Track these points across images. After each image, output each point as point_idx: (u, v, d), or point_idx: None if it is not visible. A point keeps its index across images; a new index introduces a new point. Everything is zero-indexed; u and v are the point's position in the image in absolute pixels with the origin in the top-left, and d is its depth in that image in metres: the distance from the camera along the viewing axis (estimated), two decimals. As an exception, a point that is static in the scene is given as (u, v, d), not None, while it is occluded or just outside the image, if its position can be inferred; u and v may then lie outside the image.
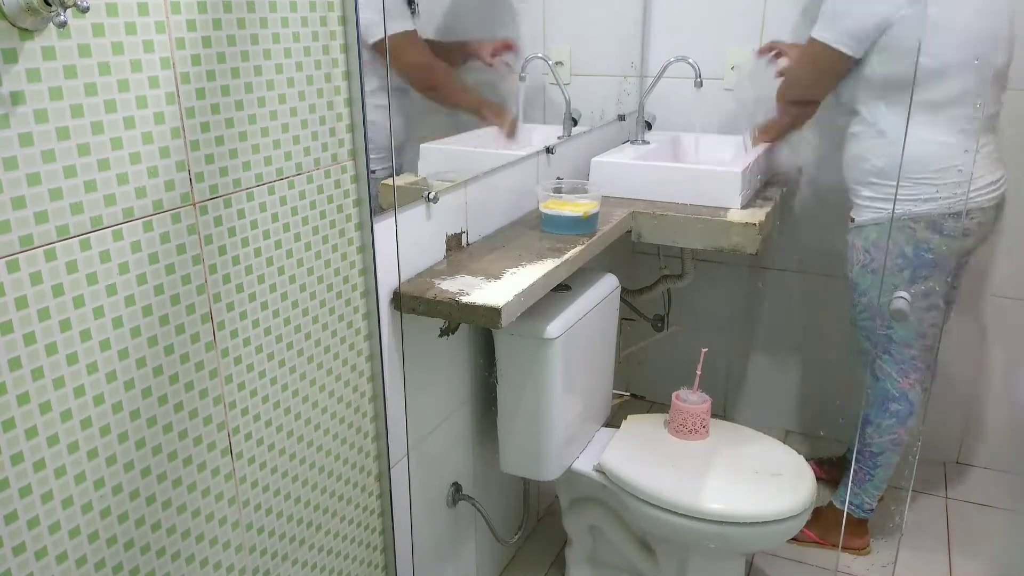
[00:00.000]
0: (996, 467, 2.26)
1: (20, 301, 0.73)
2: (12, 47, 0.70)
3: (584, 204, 1.54)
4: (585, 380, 1.63)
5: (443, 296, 1.21)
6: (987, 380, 2.19)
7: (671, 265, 2.21)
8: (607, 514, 1.67)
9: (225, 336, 0.97)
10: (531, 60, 1.74)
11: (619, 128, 2.20)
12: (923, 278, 1.70)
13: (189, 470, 0.95)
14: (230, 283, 0.96)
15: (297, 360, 1.10)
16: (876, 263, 1.73)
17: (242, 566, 1.06)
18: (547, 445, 1.53)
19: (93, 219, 0.79)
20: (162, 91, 0.84)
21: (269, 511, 1.09)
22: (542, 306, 1.47)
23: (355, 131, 1.13)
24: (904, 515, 2.07)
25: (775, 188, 1.97)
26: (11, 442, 0.74)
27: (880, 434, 1.81)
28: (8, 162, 0.71)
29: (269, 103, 0.98)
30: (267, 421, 1.06)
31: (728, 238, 1.67)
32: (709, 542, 1.48)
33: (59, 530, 0.80)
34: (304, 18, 1.02)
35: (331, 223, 1.12)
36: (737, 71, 2.18)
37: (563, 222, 1.53)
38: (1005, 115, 1.92)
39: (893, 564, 1.89)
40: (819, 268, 2.25)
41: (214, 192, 0.92)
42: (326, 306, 1.14)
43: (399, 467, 1.34)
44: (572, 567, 1.79)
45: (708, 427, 1.68)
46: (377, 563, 1.35)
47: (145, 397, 0.87)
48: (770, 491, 1.50)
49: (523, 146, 1.69)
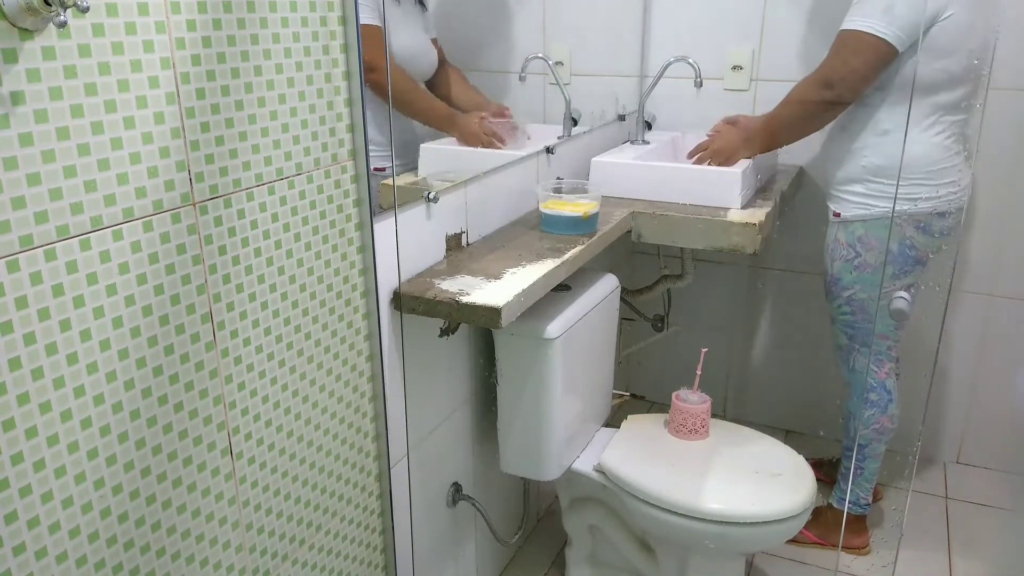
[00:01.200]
0: (996, 467, 2.26)
1: (20, 301, 0.73)
2: (12, 47, 0.70)
3: (584, 204, 1.54)
4: (585, 380, 1.63)
5: (443, 296, 1.21)
6: (987, 380, 2.19)
7: (671, 265, 2.21)
8: (607, 514, 1.67)
9: (225, 336, 0.97)
10: (531, 60, 1.74)
11: (619, 128, 2.20)
12: (906, 274, 1.73)
13: (189, 470, 0.95)
14: (230, 283, 0.96)
15: (297, 360, 1.10)
16: (861, 259, 1.74)
17: (242, 566, 1.06)
18: (547, 445, 1.53)
19: (93, 219, 0.79)
20: (162, 91, 0.84)
21: (269, 511, 1.09)
22: (542, 306, 1.47)
23: (355, 131, 1.13)
24: (904, 515, 2.07)
25: (775, 188, 1.97)
26: (11, 442, 0.74)
27: (864, 425, 1.84)
28: (8, 162, 0.71)
29: (269, 103, 0.98)
30: (267, 421, 1.06)
31: (728, 238, 1.68)
32: (709, 542, 1.48)
33: (59, 530, 0.80)
34: (304, 18, 1.02)
35: (331, 223, 1.12)
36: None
37: (563, 222, 1.53)
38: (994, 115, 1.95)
39: (893, 564, 1.89)
40: (819, 268, 2.25)
41: (214, 192, 0.92)
42: (326, 306, 1.14)
43: (399, 467, 1.34)
44: (572, 567, 1.79)
45: (708, 427, 1.68)
46: (377, 563, 1.35)
47: (145, 397, 0.87)
48: (770, 491, 1.50)
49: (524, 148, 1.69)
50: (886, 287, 1.73)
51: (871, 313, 1.77)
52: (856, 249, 1.74)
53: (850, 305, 1.79)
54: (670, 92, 2.19)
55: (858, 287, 1.76)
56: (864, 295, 1.76)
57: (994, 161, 2.00)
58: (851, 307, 1.79)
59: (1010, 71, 1.91)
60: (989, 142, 1.97)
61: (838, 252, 1.78)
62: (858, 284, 1.76)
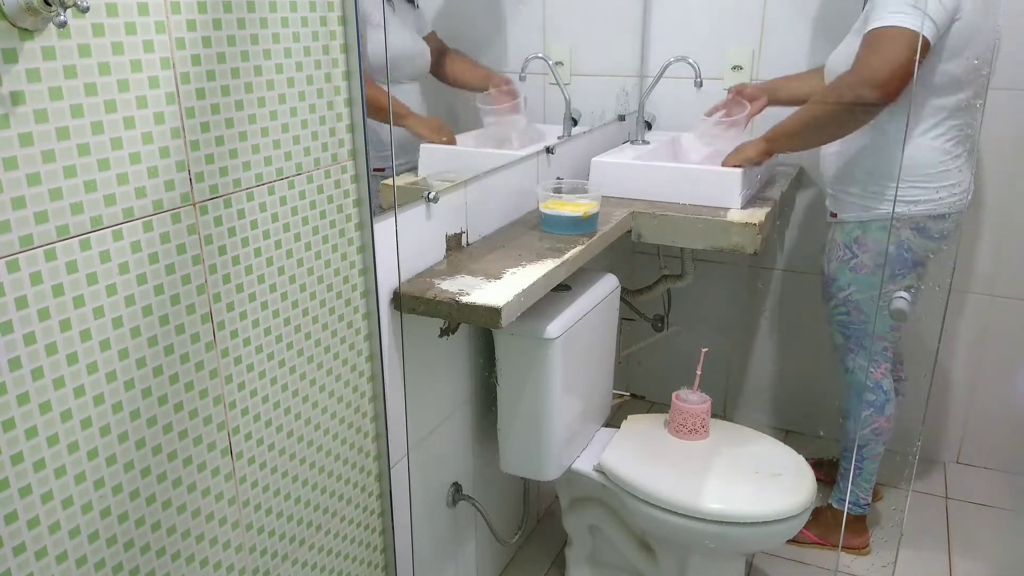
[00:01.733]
0: (996, 467, 2.26)
1: (20, 301, 0.73)
2: (12, 47, 0.70)
3: (584, 204, 1.54)
4: (585, 380, 1.63)
5: (443, 296, 1.21)
6: (987, 380, 2.19)
7: (671, 265, 2.21)
8: (607, 514, 1.67)
9: (225, 336, 0.97)
10: (531, 60, 1.74)
11: (619, 128, 2.20)
12: (903, 276, 1.72)
13: (189, 470, 0.95)
14: (230, 283, 0.96)
15: (297, 360, 1.10)
16: (857, 260, 1.74)
17: (242, 566, 1.06)
18: (547, 445, 1.53)
19: (93, 219, 0.79)
20: (162, 91, 0.84)
21: (269, 511, 1.09)
22: (542, 306, 1.47)
23: (355, 131, 1.13)
24: (904, 515, 2.07)
25: (775, 188, 1.97)
26: (11, 442, 0.74)
27: (862, 425, 1.84)
28: (8, 162, 0.71)
29: (269, 103, 0.98)
30: (267, 421, 1.06)
31: (728, 238, 1.68)
32: (709, 542, 1.48)
33: (59, 530, 0.80)
34: (304, 18, 1.02)
35: (331, 223, 1.12)
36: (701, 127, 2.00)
37: (563, 222, 1.53)
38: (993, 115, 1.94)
39: (893, 564, 1.89)
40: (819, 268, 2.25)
41: (214, 192, 0.92)
42: (326, 306, 1.14)
43: (399, 467, 1.34)
44: (572, 567, 1.79)
45: (708, 427, 1.68)
46: (377, 563, 1.35)
47: (145, 397, 0.87)
48: (770, 491, 1.50)
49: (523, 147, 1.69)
50: (883, 288, 1.72)
51: (868, 314, 1.76)
52: (852, 250, 1.74)
53: (846, 305, 1.79)
54: (670, 92, 2.19)
55: (854, 288, 1.76)
56: (860, 296, 1.76)
57: (994, 161, 2.00)
58: (847, 307, 1.79)
59: (1010, 71, 1.91)
60: (989, 142, 1.97)
61: (835, 253, 1.78)
62: (854, 285, 1.76)
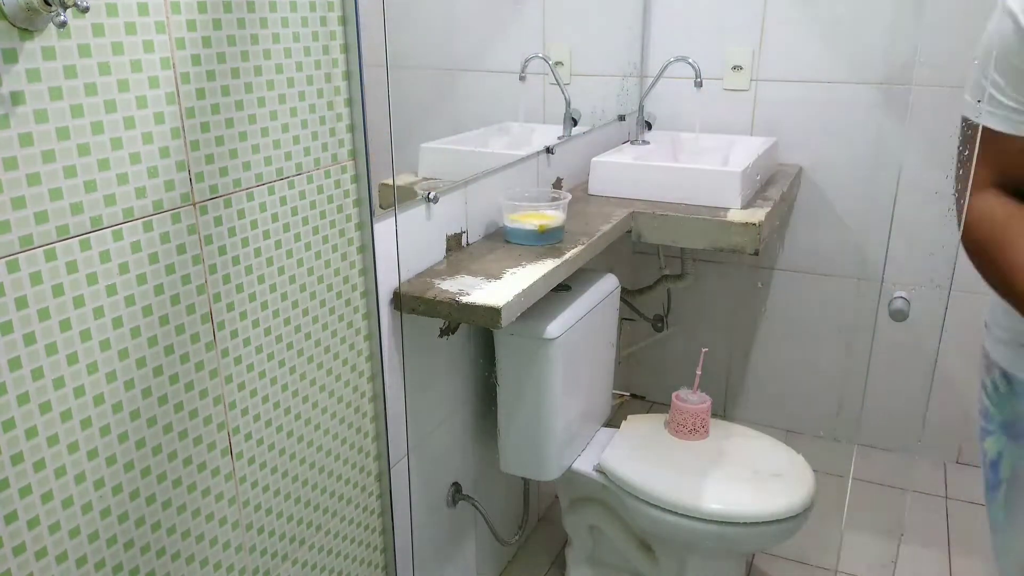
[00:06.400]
0: (996, 467, 2.26)
1: (20, 301, 0.73)
2: (12, 47, 0.70)
3: (542, 216, 1.48)
4: (585, 380, 1.63)
5: (443, 296, 1.21)
6: (987, 380, 2.19)
7: (671, 265, 2.21)
8: (607, 514, 1.67)
9: (225, 336, 0.97)
10: (531, 60, 1.74)
11: (619, 128, 2.20)
12: None
13: (189, 470, 0.95)
14: (230, 283, 0.96)
15: (297, 360, 1.10)
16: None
17: (242, 566, 1.06)
18: (547, 445, 1.53)
19: (93, 219, 0.79)
20: (162, 91, 0.84)
21: (269, 511, 1.09)
22: (542, 306, 1.47)
23: (355, 131, 1.13)
24: (904, 515, 2.07)
25: (775, 188, 1.97)
26: (11, 442, 0.74)
27: None
28: (8, 162, 0.71)
29: (269, 103, 0.98)
30: (267, 421, 1.06)
31: (728, 238, 1.67)
32: (709, 542, 1.48)
33: (59, 530, 0.80)
34: (304, 18, 1.02)
35: (331, 223, 1.12)
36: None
37: (521, 234, 1.48)
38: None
39: (893, 564, 1.89)
40: (819, 268, 2.26)
41: (214, 192, 0.92)
42: (326, 306, 1.14)
43: (399, 467, 1.34)
44: (572, 567, 1.79)
45: (708, 427, 1.68)
46: (377, 563, 1.35)
47: (145, 397, 0.87)
48: (770, 491, 1.50)
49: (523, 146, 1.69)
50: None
51: None
52: None
53: None
54: (670, 92, 2.19)
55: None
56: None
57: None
58: None
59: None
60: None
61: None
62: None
